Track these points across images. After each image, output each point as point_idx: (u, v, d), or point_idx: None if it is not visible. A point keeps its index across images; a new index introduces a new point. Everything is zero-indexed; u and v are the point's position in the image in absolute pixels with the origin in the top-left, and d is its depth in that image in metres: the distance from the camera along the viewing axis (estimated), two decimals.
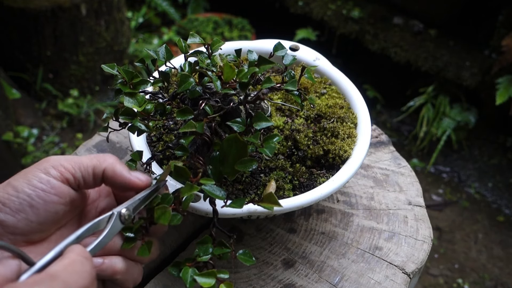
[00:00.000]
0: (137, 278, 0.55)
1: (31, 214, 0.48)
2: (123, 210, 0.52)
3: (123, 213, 0.52)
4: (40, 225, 0.49)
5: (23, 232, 0.48)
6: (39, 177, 0.49)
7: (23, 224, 0.48)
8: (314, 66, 0.68)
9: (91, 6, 2.30)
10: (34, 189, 0.49)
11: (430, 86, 2.48)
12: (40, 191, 0.49)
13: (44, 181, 0.49)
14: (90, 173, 0.52)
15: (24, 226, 0.48)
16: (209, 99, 0.58)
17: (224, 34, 2.70)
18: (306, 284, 0.68)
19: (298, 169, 0.70)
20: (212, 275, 0.50)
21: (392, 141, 0.93)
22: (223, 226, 0.57)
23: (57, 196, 0.50)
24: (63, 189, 0.50)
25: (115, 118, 0.58)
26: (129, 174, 0.54)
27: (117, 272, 0.51)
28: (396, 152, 0.91)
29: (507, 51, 2.05)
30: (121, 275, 0.51)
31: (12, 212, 0.47)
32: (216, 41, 0.64)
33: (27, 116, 2.31)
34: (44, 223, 0.50)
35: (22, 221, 0.48)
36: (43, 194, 0.49)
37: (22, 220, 0.48)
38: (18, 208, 0.48)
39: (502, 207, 2.25)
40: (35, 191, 0.49)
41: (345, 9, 2.64)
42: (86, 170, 0.52)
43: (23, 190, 0.48)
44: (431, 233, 0.77)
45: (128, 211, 0.52)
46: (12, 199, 0.48)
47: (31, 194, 0.48)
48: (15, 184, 0.49)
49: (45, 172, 0.50)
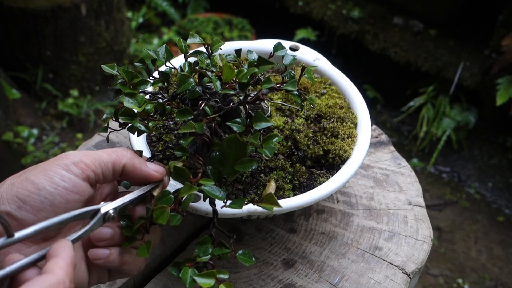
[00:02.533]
0: (141, 265, 0.55)
1: (52, 213, 0.47)
2: (110, 210, 0.51)
3: (109, 213, 0.51)
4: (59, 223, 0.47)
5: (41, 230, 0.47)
6: (60, 175, 0.47)
7: None
8: (314, 66, 0.68)
9: (91, 6, 2.30)
10: (56, 187, 0.47)
11: (430, 86, 2.48)
12: (62, 189, 0.47)
13: (66, 179, 0.47)
14: (110, 169, 0.51)
15: None
16: (209, 100, 0.58)
17: (224, 34, 2.70)
18: (306, 284, 0.68)
19: (298, 169, 0.70)
20: (212, 276, 0.50)
21: (392, 141, 0.93)
22: (223, 226, 0.57)
23: (78, 194, 0.48)
24: (84, 188, 0.49)
25: (115, 118, 0.58)
26: (147, 168, 0.53)
27: (124, 263, 0.51)
28: (396, 152, 0.91)
29: (507, 51, 2.05)
30: (127, 265, 0.52)
31: (33, 211, 0.46)
32: (216, 41, 0.63)
33: (27, 116, 2.32)
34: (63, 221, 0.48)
35: (42, 220, 0.46)
36: (65, 193, 0.47)
37: (43, 219, 0.46)
38: (39, 207, 0.46)
39: (502, 207, 2.25)
40: (57, 190, 0.47)
41: (345, 9, 2.64)
42: (106, 166, 0.51)
43: (44, 187, 0.46)
44: (431, 233, 0.77)
45: (115, 212, 0.51)
46: (33, 197, 0.46)
47: (53, 193, 0.46)
48: (35, 180, 0.46)
49: (66, 169, 0.48)
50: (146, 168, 0.53)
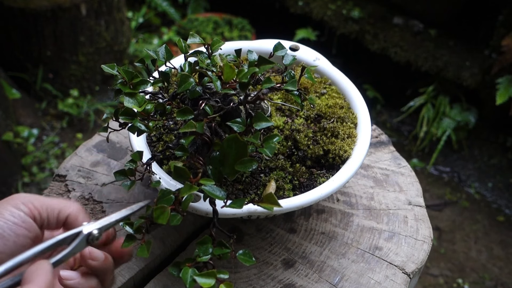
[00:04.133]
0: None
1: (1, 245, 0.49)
2: (94, 231, 0.51)
3: (93, 234, 0.51)
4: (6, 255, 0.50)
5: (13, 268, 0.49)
6: (10, 211, 0.51)
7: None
8: (314, 66, 0.68)
9: (91, 6, 2.30)
10: (6, 221, 0.50)
11: (430, 86, 2.48)
12: (11, 224, 0.50)
13: (15, 215, 0.51)
14: (55, 215, 0.54)
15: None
16: (209, 99, 0.58)
17: (224, 34, 2.70)
18: (306, 284, 0.68)
19: (298, 169, 0.70)
20: (212, 275, 0.50)
21: (392, 141, 0.93)
22: (223, 226, 0.57)
23: (26, 230, 0.51)
24: (31, 224, 0.52)
25: (115, 118, 0.58)
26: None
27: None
28: (396, 152, 0.91)
29: (507, 51, 2.05)
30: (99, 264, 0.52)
31: None
32: (216, 41, 0.64)
33: (27, 116, 2.32)
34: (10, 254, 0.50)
35: None
36: (14, 227, 0.50)
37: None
38: None
39: (502, 207, 2.25)
40: (7, 223, 0.50)
41: (345, 9, 2.64)
42: (52, 211, 0.54)
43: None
44: (431, 233, 0.77)
45: (99, 232, 0.51)
46: None
47: (3, 226, 0.50)
48: None
49: (16, 207, 0.52)
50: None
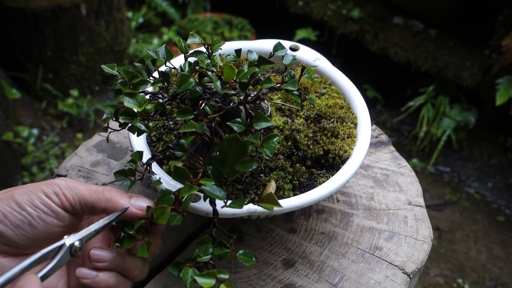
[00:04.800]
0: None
1: (30, 232, 0.50)
2: (76, 242, 0.51)
3: (75, 246, 0.51)
4: (35, 242, 0.51)
5: (17, 245, 0.50)
6: (41, 199, 0.51)
7: (19, 239, 0.50)
8: (314, 66, 0.68)
9: (91, 6, 2.30)
10: (36, 209, 0.51)
11: (430, 86, 2.48)
12: (41, 212, 0.51)
13: (46, 204, 0.51)
14: (90, 207, 0.54)
15: (20, 241, 0.50)
16: (209, 99, 0.58)
17: (224, 34, 2.70)
18: (306, 284, 0.68)
19: (298, 169, 0.70)
20: (212, 275, 0.50)
21: (392, 141, 0.93)
22: (223, 226, 0.57)
23: (56, 219, 0.52)
24: (62, 214, 0.52)
25: (115, 118, 0.58)
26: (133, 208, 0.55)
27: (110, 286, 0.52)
28: (396, 152, 0.91)
29: (507, 51, 2.05)
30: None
31: (12, 226, 0.49)
32: (216, 41, 0.63)
33: (27, 116, 2.32)
34: (40, 240, 0.51)
35: (19, 236, 0.50)
36: (44, 216, 0.51)
37: (20, 236, 0.50)
38: (18, 224, 0.50)
39: (502, 207, 2.25)
40: (37, 212, 0.51)
41: (345, 9, 2.64)
42: (85, 204, 0.54)
43: (25, 207, 0.50)
44: (431, 233, 0.77)
45: (81, 243, 0.52)
46: (14, 214, 0.50)
47: (33, 214, 0.50)
48: (18, 199, 0.50)
49: (47, 196, 0.52)
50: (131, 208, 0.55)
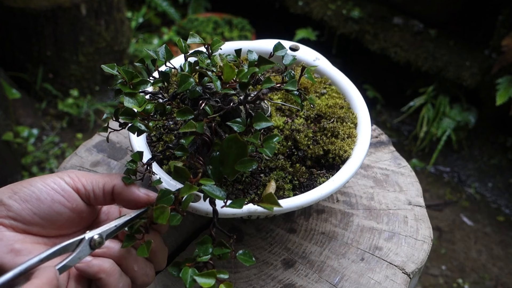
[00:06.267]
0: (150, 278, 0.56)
1: (36, 206, 0.52)
2: (95, 236, 0.52)
3: (94, 239, 0.51)
4: (41, 219, 0.52)
5: (24, 220, 0.52)
6: (53, 179, 0.54)
7: (25, 213, 0.51)
8: (314, 66, 0.68)
9: (91, 6, 2.30)
10: (45, 185, 0.53)
11: (430, 86, 2.48)
12: (50, 188, 0.53)
13: (56, 182, 0.54)
14: (101, 188, 0.56)
15: (26, 215, 0.51)
16: (209, 99, 0.58)
17: (224, 34, 2.70)
18: (306, 284, 0.68)
19: (298, 169, 0.70)
20: (212, 275, 0.50)
21: (392, 141, 0.93)
22: (223, 226, 0.57)
23: (64, 198, 0.53)
24: (72, 195, 0.54)
25: (115, 118, 0.58)
26: (138, 191, 0.57)
27: (102, 271, 0.51)
28: (396, 152, 0.91)
29: (507, 51, 2.05)
30: (105, 274, 0.51)
31: (19, 200, 0.51)
32: (216, 41, 0.63)
33: (27, 116, 2.32)
34: (45, 218, 0.53)
35: (25, 210, 0.51)
36: (52, 192, 0.53)
37: (26, 209, 0.51)
38: (25, 198, 0.52)
39: (502, 207, 2.25)
40: (46, 188, 0.53)
41: (345, 9, 2.64)
42: (97, 184, 0.56)
43: (35, 184, 0.53)
44: (431, 233, 0.77)
45: (100, 237, 0.52)
46: (23, 190, 0.52)
47: (41, 189, 0.52)
48: (31, 181, 0.53)
49: (60, 177, 0.54)
50: (137, 191, 0.57)
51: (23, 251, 0.50)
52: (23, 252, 0.50)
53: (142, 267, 0.55)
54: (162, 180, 0.62)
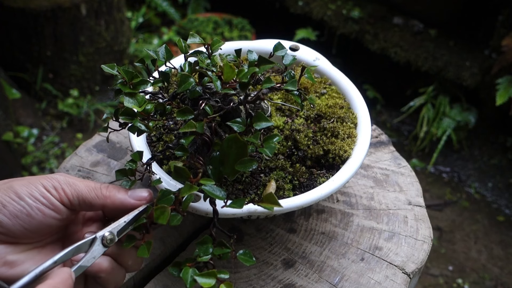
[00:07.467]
0: (119, 281, 0.56)
1: (27, 222, 0.51)
2: (106, 233, 0.52)
3: (105, 236, 0.52)
4: (32, 233, 0.52)
5: (14, 235, 0.51)
6: (40, 191, 0.52)
7: (16, 229, 0.50)
8: (314, 66, 0.68)
9: (91, 6, 2.30)
10: (35, 200, 0.51)
11: (430, 86, 2.48)
12: (40, 204, 0.51)
13: (45, 196, 0.52)
14: (88, 204, 0.55)
15: (16, 230, 0.50)
16: (209, 99, 0.58)
17: (224, 34, 2.70)
18: (306, 284, 0.68)
19: (298, 169, 0.70)
20: (212, 275, 0.50)
21: (392, 141, 0.93)
22: (223, 226, 0.57)
23: (54, 212, 0.52)
24: (60, 208, 0.53)
25: (115, 118, 0.58)
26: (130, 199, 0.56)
27: (102, 271, 0.53)
28: (396, 152, 0.91)
29: (507, 51, 2.05)
30: (105, 274, 0.53)
31: (10, 216, 0.50)
32: (216, 41, 0.63)
33: (27, 116, 2.32)
34: (36, 232, 0.52)
35: (16, 226, 0.50)
36: (42, 208, 0.51)
37: (17, 225, 0.50)
38: (16, 214, 0.50)
39: (502, 207, 2.25)
40: (36, 203, 0.51)
41: (345, 9, 2.64)
42: (83, 200, 0.54)
43: (24, 199, 0.51)
44: (431, 233, 0.77)
45: (112, 234, 0.52)
46: (13, 204, 0.50)
47: (32, 205, 0.51)
48: (17, 190, 0.51)
49: (46, 190, 0.52)
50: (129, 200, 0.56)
51: (17, 262, 0.50)
52: (17, 262, 0.50)
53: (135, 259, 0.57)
54: (162, 180, 0.62)
